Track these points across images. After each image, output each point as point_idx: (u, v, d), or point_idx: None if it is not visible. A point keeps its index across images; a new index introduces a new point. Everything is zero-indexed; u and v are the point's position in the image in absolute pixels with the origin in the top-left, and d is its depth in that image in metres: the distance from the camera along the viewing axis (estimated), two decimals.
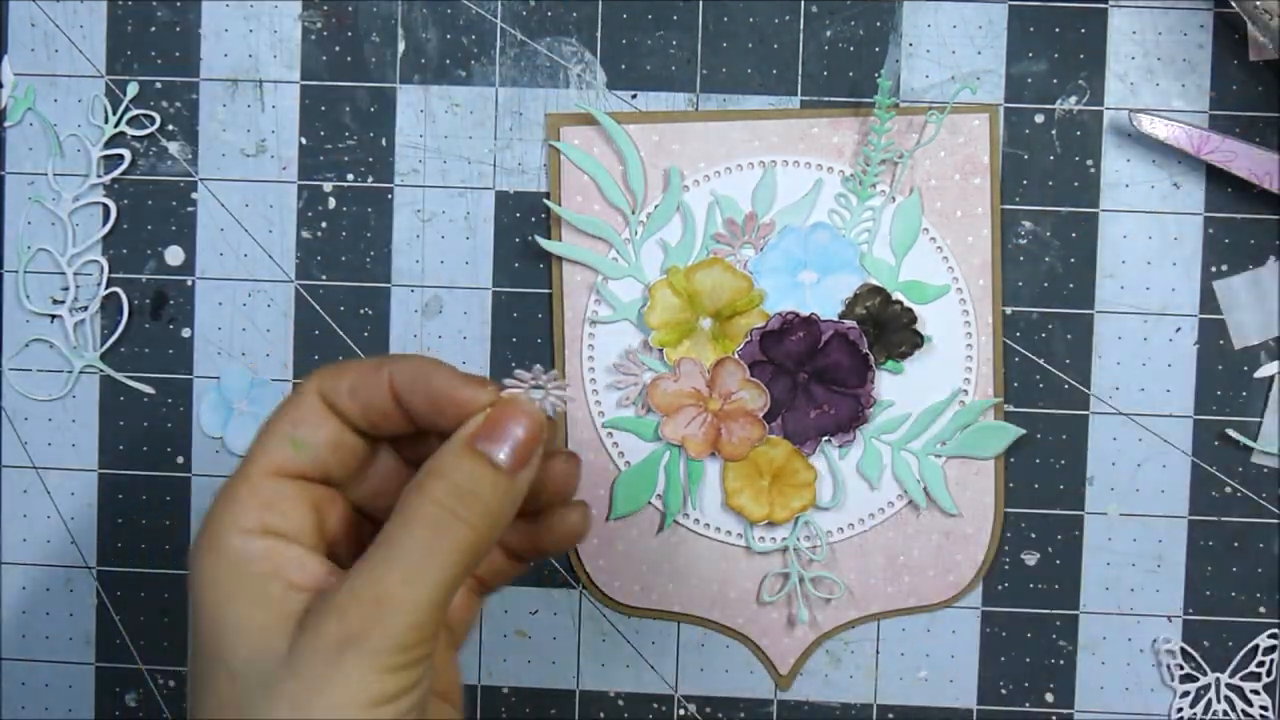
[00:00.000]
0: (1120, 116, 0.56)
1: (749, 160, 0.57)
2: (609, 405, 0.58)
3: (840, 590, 0.58)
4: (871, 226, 0.56)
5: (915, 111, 0.56)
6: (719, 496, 0.57)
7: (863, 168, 0.56)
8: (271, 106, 0.58)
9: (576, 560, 0.58)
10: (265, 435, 0.38)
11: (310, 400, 0.38)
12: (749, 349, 0.56)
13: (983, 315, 0.57)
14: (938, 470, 0.57)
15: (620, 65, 0.57)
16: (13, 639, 0.60)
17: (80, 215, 0.59)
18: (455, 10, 0.58)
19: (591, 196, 0.57)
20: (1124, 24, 0.56)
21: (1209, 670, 0.58)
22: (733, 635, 0.58)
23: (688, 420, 0.57)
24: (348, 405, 0.38)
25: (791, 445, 0.56)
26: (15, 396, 0.60)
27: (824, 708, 0.59)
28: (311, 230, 0.59)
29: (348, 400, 0.38)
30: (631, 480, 0.57)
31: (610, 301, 0.57)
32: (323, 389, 0.38)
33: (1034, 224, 0.57)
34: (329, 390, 0.38)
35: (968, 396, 0.57)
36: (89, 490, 0.60)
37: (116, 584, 0.60)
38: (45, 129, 0.59)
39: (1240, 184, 0.56)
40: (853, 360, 0.56)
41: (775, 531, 0.58)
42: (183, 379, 0.59)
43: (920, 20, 0.57)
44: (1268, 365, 0.57)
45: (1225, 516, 0.57)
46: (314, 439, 0.38)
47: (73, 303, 0.59)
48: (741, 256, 0.57)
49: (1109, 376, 0.57)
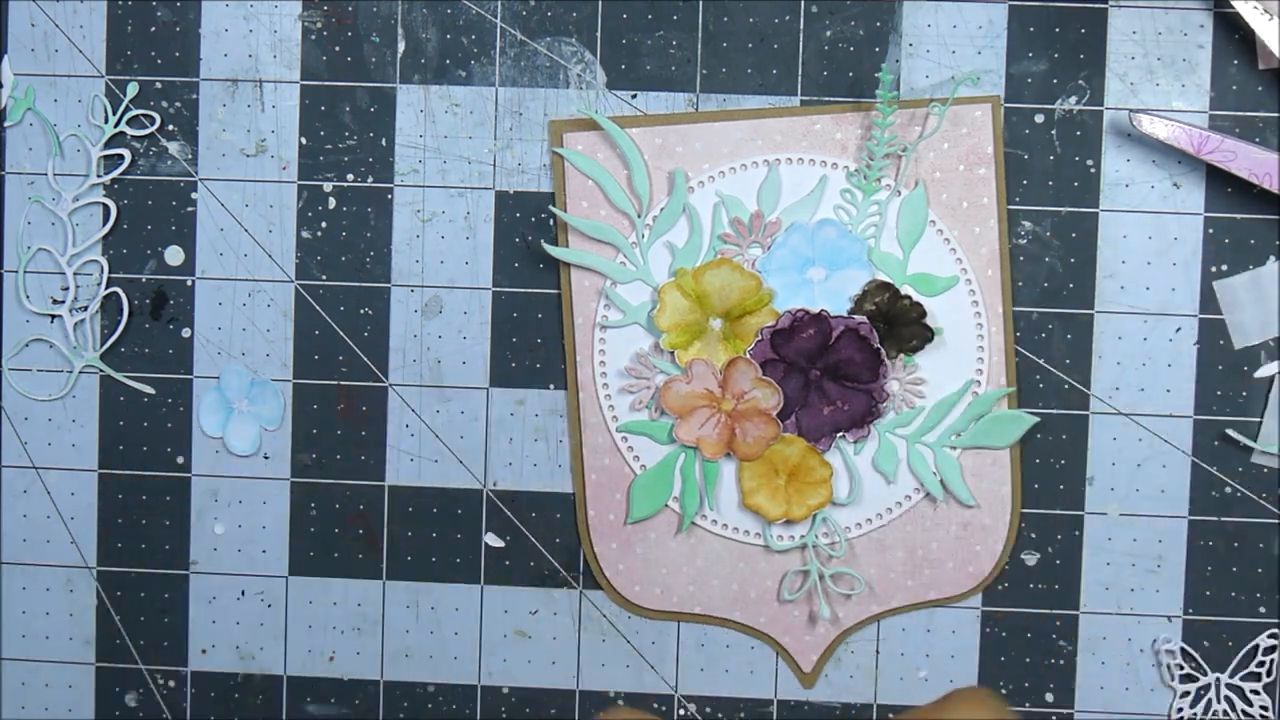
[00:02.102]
0: (1120, 116, 0.57)
1: (753, 159, 0.57)
2: (622, 409, 0.58)
3: (861, 586, 0.58)
4: (878, 221, 0.56)
5: (917, 105, 0.56)
6: (736, 496, 0.57)
7: (867, 162, 0.56)
8: (271, 106, 0.58)
9: (596, 565, 0.58)
10: None
11: None
12: (760, 348, 0.56)
13: (992, 306, 0.57)
14: (953, 462, 0.57)
15: (620, 65, 0.57)
16: (13, 639, 0.60)
17: (80, 215, 0.59)
18: (455, 10, 0.58)
19: (597, 201, 0.57)
20: (1124, 24, 0.56)
21: (1209, 670, 0.58)
22: (755, 635, 0.58)
23: (701, 421, 0.57)
24: None
25: (806, 443, 0.56)
26: (15, 396, 0.60)
27: (824, 707, 0.59)
28: (311, 230, 0.59)
29: None
30: (648, 483, 0.58)
31: (619, 305, 0.57)
32: None
33: (1034, 224, 0.57)
34: None
35: (980, 387, 0.57)
36: (89, 490, 0.60)
37: (116, 584, 0.60)
38: (45, 129, 0.59)
39: (1240, 184, 0.56)
40: (864, 355, 0.56)
41: (793, 529, 0.58)
42: (183, 379, 0.59)
43: (920, 20, 0.57)
44: (1268, 365, 0.57)
45: (1225, 516, 0.57)
46: None
47: (73, 303, 0.59)
48: (749, 256, 0.57)
49: (1109, 376, 0.57)
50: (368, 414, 0.59)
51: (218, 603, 0.60)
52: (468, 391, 0.59)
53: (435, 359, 0.59)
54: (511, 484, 0.59)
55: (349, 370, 0.59)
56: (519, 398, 0.58)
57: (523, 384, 0.58)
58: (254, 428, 0.59)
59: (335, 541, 0.59)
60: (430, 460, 0.59)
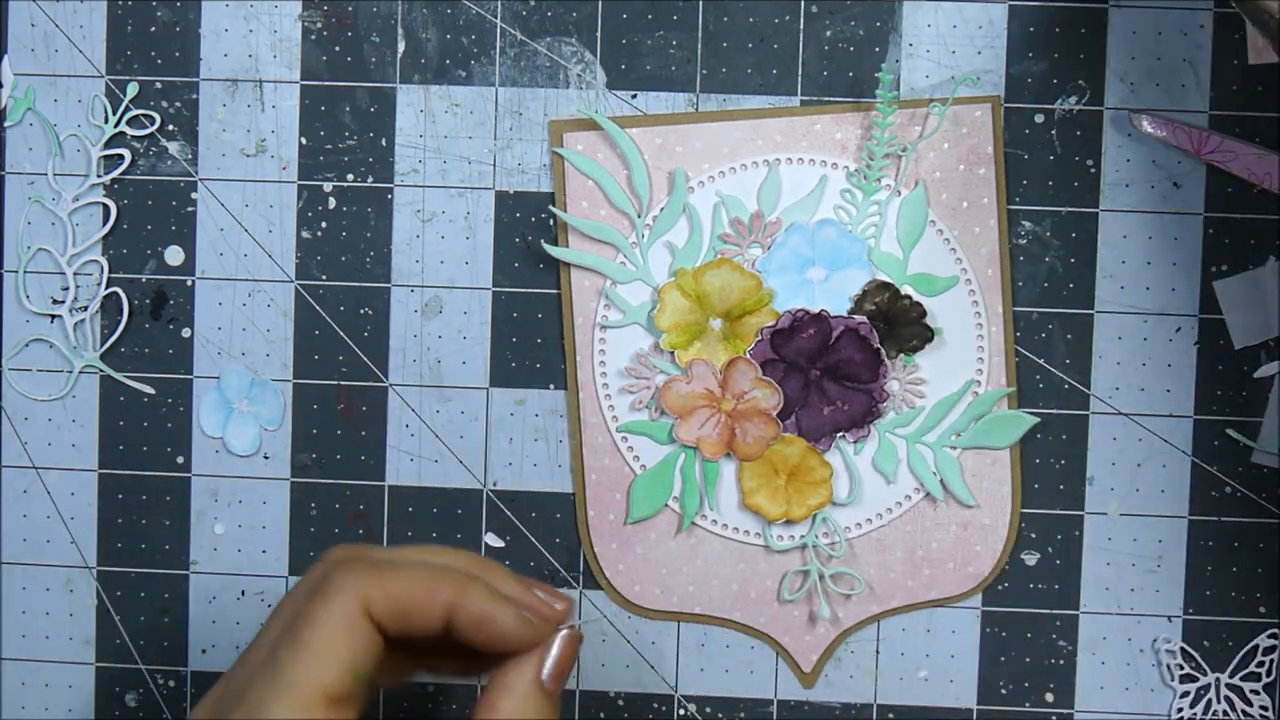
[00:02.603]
0: (1120, 116, 0.57)
1: (753, 159, 0.57)
2: (622, 409, 0.58)
3: (860, 586, 0.58)
4: (878, 221, 0.56)
5: (917, 104, 0.56)
6: (736, 496, 0.57)
7: (867, 162, 0.56)
8: (271, 106, 0.58)
9: (596, 565, 0.58)
10: (314, 654, 0.37)
11: (359, 622, 0.38)
12: (760, 348, 0.56)
13: (993, 305, 0.57)
14: (954, 462, 0.57)
15: (620, 65, 0.57)
16: (13, 639, 0.60)
17: (80, 215, 0.59)
18: (455, 10, 0.58)
19: (597, 201, 0.57)
20: (1124, 24, 0.56)
21: (1209, 670, 0.58)
22: (755, 635, 0.58)
23: (701, 421, 0.57)
24: (391, 624, 0.38)
25: (806, 443, 0.56)
26: (15, 396, 0.60)
27: (824, 707, 0.59)
28: (311, 230, 0.59)
29: (394, 622, 0.38)
30: (648, 483, 0.58)
31: (620, 305, 0.57)
32: (368, 603, 0.38)
33: (1034, 224, 0.57)
34: (374, 604, 0.38)
35: (981, 387, 0.57)
36: (89, 490, 0.60)
37: (116, 584, 0.60)
38: (45, 129, 0.59)
39: (1240, 184, 0.56)
40: (864, 355, 0.56)
41: (793, 529, 0.58)
42: (183, 379, 0.59)
43: (920, 20, 0.57)
44: (1268, 365, 0.57)
45: (1225, 516, 0.57)
46: (368, 665, 0.38)
47: (73, 303, 0.59)
48: (749, 256, 0.57)
49: (1109, 376, 0.57)
50: (368, 414, 0.59)
51: (218, 603, 0.60)
52: (468, 391, 0.59)
53: (435, 359, 0.59)
54: (511, 484, 0.59)
55: (349, 370, 0.59)
56: (519, 398, 0.58)
57: (523, 384, 0.58)
58: (254, 428, 0.59)
59: (335, 541, 0.59)
60: (430, 460, 0.59)
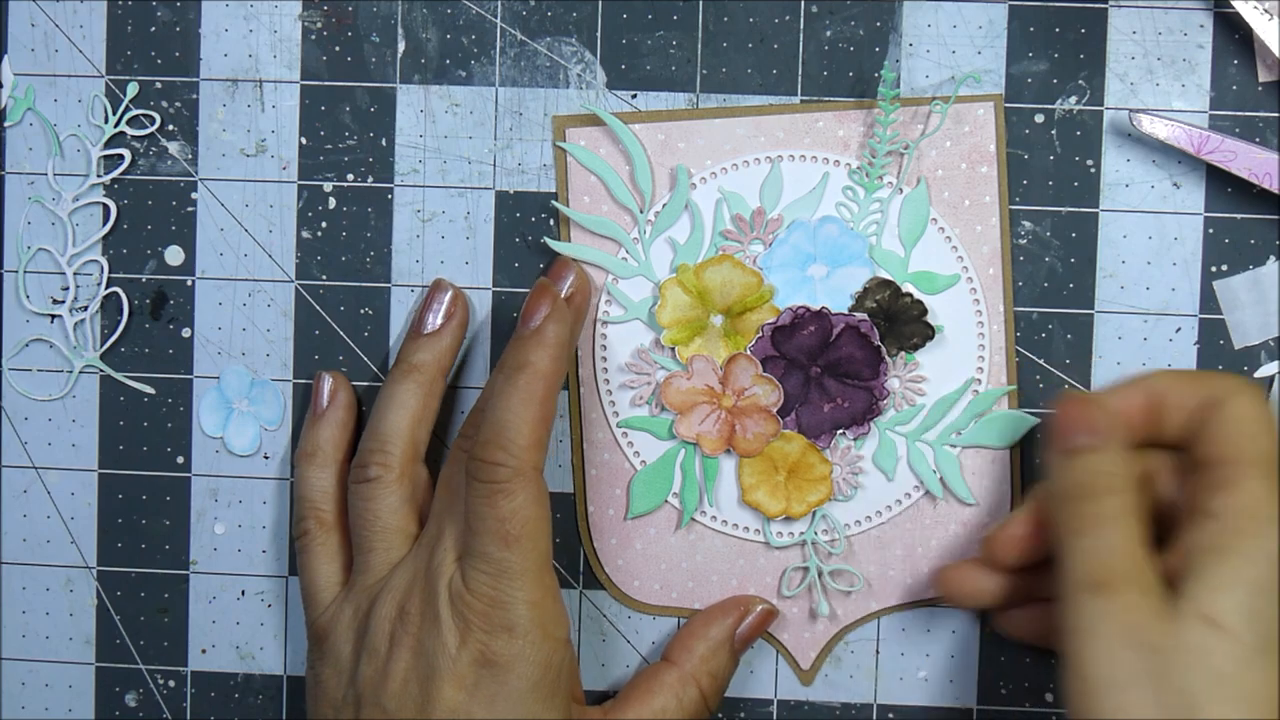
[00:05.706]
0: (1120, 116, 0.57)
1: (755, 156, 0.57)
2: (623, 405, 0.58)
3: (859, 583, 0.57)
4: (879, 218, 0.57)
5: (920, 102, 0.56)
6: (735, 493, 0.57)
7: (869, 160, 0.56)
8: (271, 106, 0.58)
9: (595, 561, 0.58)
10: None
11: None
12: (761, 345, 0.56)
13: (994, 304, 0.57)
14: (954, 460, 0.57)
15: (620, 65, 0.58)
16: (13, 639, 0.60)
17: (80, 215, 0.59)
18: (455, 10, 0.58)
19: (599, 197, 0.57)
20: (1124, 24, 0.57)
21: None
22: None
23: (702, 417, 0.57)
24: None
25: (806, 439, 0.56)
26: (15, 396, 0.60)
27: (824, 707, 0.59)
28: (311, 230, 0.59)
29: None
30: (648, 479, 0.58)
31: (621, 301, 0.57)
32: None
33: (1034, 224, 0.57)
34: None
35: (981, 385, 0.57)
36: (89, 490, 0.60)
37: (116, 584, 0.60)
38: (45, 129, 0.59)
39: (1240, 184, 0.56)
40: (865, 353, 0.56)
41: (793, 526, 0.58)
42: (183, 379, 0.59)
43: (920, 20, 0.57)
44: (1268, 365, 0.57)
45: None
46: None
47: (73, 303, 0.59)
48: (750, 252, 0.57)
49: (1109, 376, 0.57)
50: (368, 414, 0.59)
51: (218, 603, 0.60)
52: (468, 391, 0.59)
53: None
54: None
55: (349, 370, 0.59)
56: None
57: None
58: (254, 428, 0.59)
59: None
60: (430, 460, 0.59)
